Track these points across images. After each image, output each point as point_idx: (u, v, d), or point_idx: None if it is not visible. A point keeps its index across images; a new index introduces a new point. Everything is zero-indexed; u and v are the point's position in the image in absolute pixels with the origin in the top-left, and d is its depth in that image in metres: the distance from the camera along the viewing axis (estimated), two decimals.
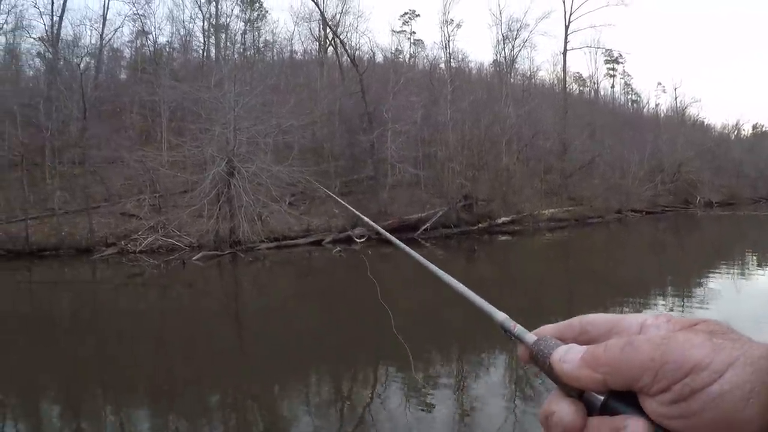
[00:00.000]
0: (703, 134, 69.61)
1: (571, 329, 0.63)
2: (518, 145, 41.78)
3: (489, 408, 8.69)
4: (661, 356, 0.51)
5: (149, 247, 25.51)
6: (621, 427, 0.52)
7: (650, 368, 0.51)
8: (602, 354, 0.54)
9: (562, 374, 0.57)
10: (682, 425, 0.49)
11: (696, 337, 0.52)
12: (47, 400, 9.72)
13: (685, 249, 31.48)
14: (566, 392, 0.57)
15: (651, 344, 0.52)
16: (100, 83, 37.34)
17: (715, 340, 0.51)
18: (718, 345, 0.50)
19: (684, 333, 0.54)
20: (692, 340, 0.51)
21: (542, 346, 0.60)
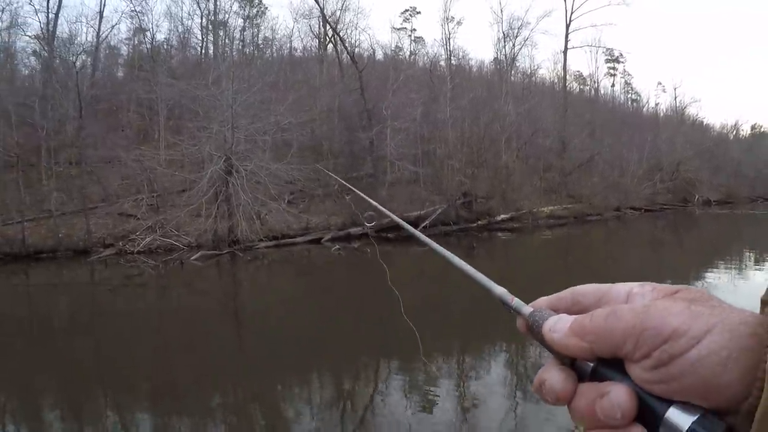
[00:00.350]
0: (702, 134, 69.78)
1: (563, 300, 0.65)
2: (518, 143, 41.77)
3: (491, 403, 8.66)
4: (641, 323, 0.52)
5: (147, 247, 25.29)
6: (605, 392, 0.54)
7: (632, 335, 0.53)
8: (588, 323, 0.57)
9: (552, 343, 0.59)
10: (663, 389, 0.51)
11: (675, 304, 0.53)
12: (47, 403, 9.64)
13: (684, 247, 31.45)
14: (559, 361, 0.60)
15: (632, 312, 0.54)
16: (97, 81, 37.09)
17: (693, 307, 0.53)
18: (697, 312, 0.52)
19: (664, 301, 0.56)
20: (671, 308, 0.53)
21: (537, 317, 0.62)
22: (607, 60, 71.07)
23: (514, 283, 5.17)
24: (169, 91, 31.50)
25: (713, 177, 59.04)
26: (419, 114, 35.28)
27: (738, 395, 0.49)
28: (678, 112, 72.46)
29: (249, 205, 25.52)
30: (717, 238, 33.89)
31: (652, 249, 29.72)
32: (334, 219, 30.59)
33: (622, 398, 0.53)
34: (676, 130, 60.65)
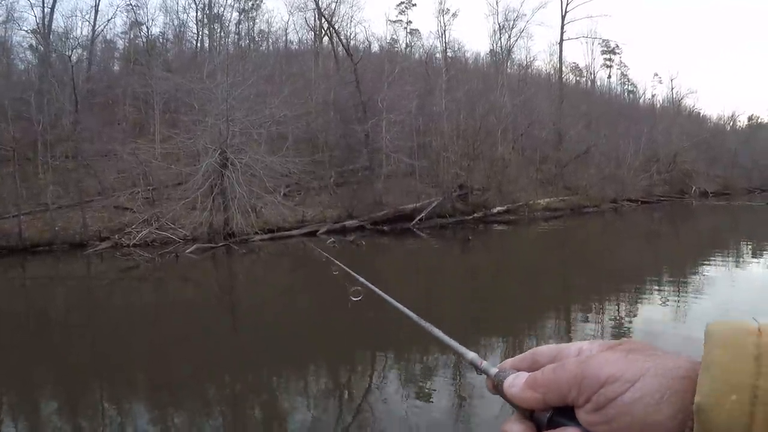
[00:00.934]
0: (699, 125, 69.57)
1: (525, 360, 0.70)
2: (514, 135, 41.71)
3: (487, 395, 8.58)
4: (581, 372, 0.59)
5: (143, 240, 25.37)
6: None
7: (575, 383, 0.59)
8: (540, 376, 0.63)
9: (511, 397, 0.65)
10: (605, 430, 0.57)
11: (613, 354, 0.60)
12: (44, 396, 9.66)
13: (681, 238, 31.50)
14: (521, 414, 0.65)
15: (575, 363, 0.61)
16: (93, 75, 37.08)
17: (630, 356, 0.59)
18: (632, 359, 0.58)
19: (604, 352, 0.62)
20: (609, 357, 0.59)
21: (501, 376, 0.68)
22: (603, 51, 71.07)
23: (510, 275, 5.33)
24: (164, 85, 31.48)
25: (710, 168, 59.07)
26: (415, 106, 35.25)
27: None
28: (674, 104, 72.33)
29: (244, 198, 25.57)
30: (714, 230, 33.94)
31: (648, 241, 29.76)
32: (329, 212, 30.67)
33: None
34: (673, 121, 60.51)
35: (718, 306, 13.64)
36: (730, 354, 0.54)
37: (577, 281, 19.19)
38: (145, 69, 34.07)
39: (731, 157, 64.64)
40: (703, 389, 0.53)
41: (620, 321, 12.98)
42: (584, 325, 12.68)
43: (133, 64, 38.54)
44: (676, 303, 14.40)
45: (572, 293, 17.22)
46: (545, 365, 0.66)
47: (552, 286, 18.53)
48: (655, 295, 15.70)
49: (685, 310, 13.56)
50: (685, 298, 14.92)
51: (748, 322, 0.57)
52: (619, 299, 15.59)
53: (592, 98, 60.66)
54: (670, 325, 12.17)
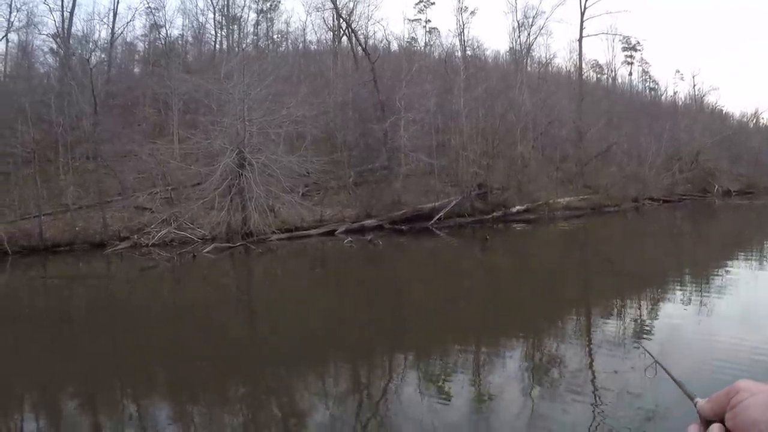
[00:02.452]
0: (722, 122, 68.57)
1: None
2: (534, 133, 41.30)
3: (507, 396, 8.60)
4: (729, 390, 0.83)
5: (162, 240, 25.48)
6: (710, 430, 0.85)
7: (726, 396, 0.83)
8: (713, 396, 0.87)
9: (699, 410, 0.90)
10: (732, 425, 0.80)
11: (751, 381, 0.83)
12: (67, 393, 9.75)
13: (703, 238, 31.07)
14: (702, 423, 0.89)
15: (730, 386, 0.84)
16: (112, 77, 37.36)
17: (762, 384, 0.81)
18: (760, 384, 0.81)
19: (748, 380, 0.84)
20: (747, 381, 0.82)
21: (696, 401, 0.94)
22: (624, 48, 70.19)
23: (531, 275, 5.23)
24: (183, 86, 31.61)
25: (733, 166, 58.15)
26: (433, 105, 35.10)
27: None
28: (697, 101, 71.41)
29: (261, 197, 25.57)
30: (737, 230, 33.43)
31: (671, 240, 29.40)
32: (348, 211, 30.61)
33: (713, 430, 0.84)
34: (695, 118, 59.77)
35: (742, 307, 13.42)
36: None
37: (598, 281, 19.00)
38: (164, 71, 34.22)
39: (754, 155, 63.64)
40: None
41: (642, 322, 12.80)
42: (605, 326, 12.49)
43: (153, 66, 38.76)
44: (698, 303, 14.16)
45: (593, 294, 17.05)
46: None
47: (572, 285, 18.37)
48: (678, 295, 15.51)
49: (708, 310, 13.33)
50: (708, 298, 14.69)
51: None
52: (641, 299, 15.41)
53: (612, 96, 60.03)
54: (692, 326, 11.98)
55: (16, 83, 33.47)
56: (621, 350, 10.05)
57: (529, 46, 53.60)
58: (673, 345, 10.66)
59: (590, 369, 9.72)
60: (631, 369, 8.77)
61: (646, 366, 1.58)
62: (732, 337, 10.62)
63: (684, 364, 9.12)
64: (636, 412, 7.40)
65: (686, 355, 9.78)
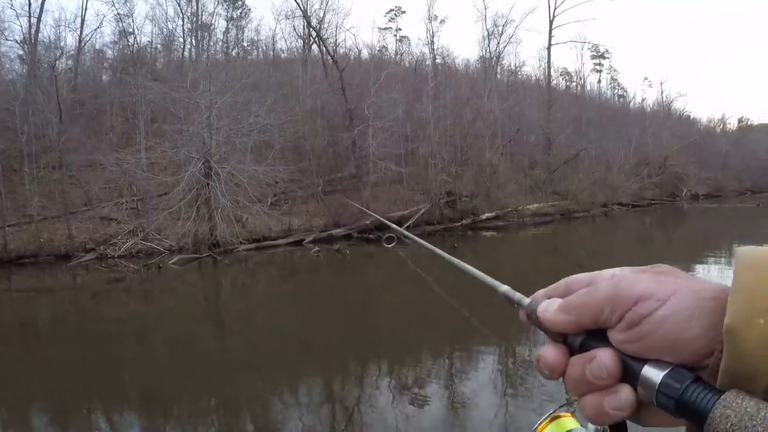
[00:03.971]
0: (689, 128, 69.97)
1: (558, 289, 0.70)
2: (502, 140, 41.59)
3: (481, 401, 8.70)
4: (615, 292, 0.60)
5: (128, 251, 25.17)
6: (592, 358, 0.61)
7: (607, 303, 0.60)
8: (573, 299, 0.65)
9: (545, 321, 0.66)
10: (637, 348, 0.58)
11: (644, 275, 0.61)
12: (33, 409, 9.62)
13: (672, 242, 31.51)
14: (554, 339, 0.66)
15: (607, 284, 0.62)
16: (78, 85, 36.93)
17: (660, 277, 0.60)
18: (663, 280, 0.60)
19: (634, 274, 0.63)
20: (640, 277, 0.61)
21: (533, 305, 0.69)
22: (593, 56, 71.23)
23: (503, 280, 5.23)
24: (149, 94, 31.33)
25: (701, 171, 59.10)
26: (402, 113, 35.19)
27: (703, 351, 0.55)
28: (664, 107, 72.51)
29: (228, 207, 25.45)
30: (706, 233, 33.94)
31: (640, 244, 29.77)
32: (316, 220, 30.52)
33: (606, 360, 0.59)
34: (663, 124, 60.79)
35: None
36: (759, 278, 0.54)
37: None
38: (131, 78, 33.91)
39: (722, 160, 64.89)
40: (733, 311, 0.53)
41: None
42: None
43: (120, 74, 38.38)
44: None
45: None
46: None
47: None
48: None
49: None
50: None
51: None
52: None
53: (581, 103, 60.72)
54: None
55: None
56: None
57: (499, 55, 54.00)
58: None
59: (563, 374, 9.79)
60: None
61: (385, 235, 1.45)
62: None
63: None
64: None
65: None
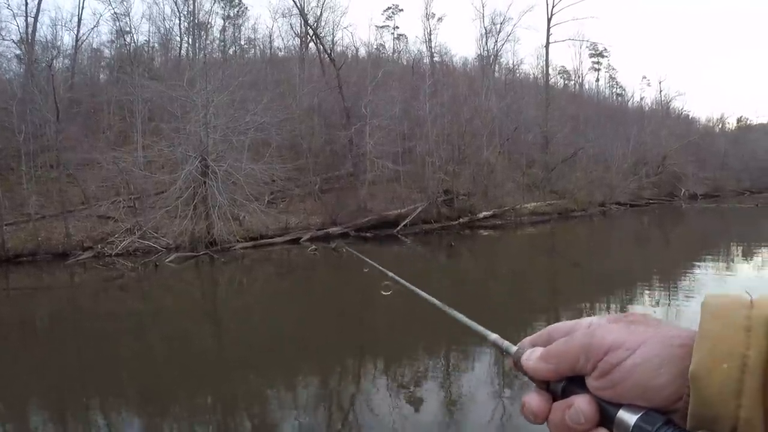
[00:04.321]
0: (688, 127, 69.72)
1: (541, 337, 0.74)
2: (500, 139, 41.55)
3: (478, 400, 8.68)
4: (589, 342, 0.64)
5: (126, 249, 25.19)
6: (571, 404, 0.65)
7: (582, 352, 0.64)
8: (552, 348, 0.68)
9: (527, 370, 0.70)
10: (611, 394, 0.62)
11: (616, 325, 0.65)
12: (31, 407, 9.60)
13: (670, 241, 31.48)
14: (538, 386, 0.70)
15: (583, 334, 0.66)
16: (76, 84, 36.94)
17: (631, 326, 0.64)
18: (633, 329, 0.63)
19: (607, 324, 0.66)
20: (611, 328, 0.64)
21: (519, 353, 0.73)
22: (591, 55, 71.22)
23: (497, 280, 5.30)
24: (146, 93, 31.33)
25: (699, 171, 59.04)
26: (399, 111, 35.16)
27: (673, 396, 0.59)
28: (663, 106, 72.36)
29: (225, 205, 25.46)
30: (704, 233, 33.91)
31: (637, 244, 29.76)
32: (313, 219, 30.54)
33: (584, 406, 0.63)
34: (661, 123, 60.61)
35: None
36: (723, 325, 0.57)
37: (566, 285, 19.16)
38: (128, 77, 33.91)
39: (720, 159, 64.85)
40: (698, 357, 0.57)
41: None
42: None
43: (117, 73, 38.39)
44: (666, 306, 14.39)
45: (560, 298, 17.20)
46: None
47: (539, 290, 18.48)
48: (645, 298, 15.72)
49: (675, 313, 13.55)
50: (675, 300, 14.94)
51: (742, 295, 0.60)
52: (609, 303, 15.56)
53: (580, 101, 60.66)
54: None
55: None
56: None
57: (497, 53, 54.02)
58: None
59: None
60: None
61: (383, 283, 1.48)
62: None
63: None
64: None
65: None
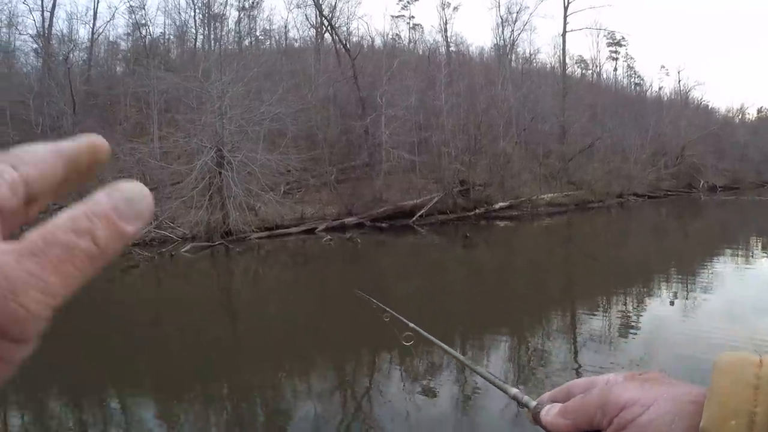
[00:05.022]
0: (707, 117, 68.64)
1: (560, 392, 0.78)
2: (516, 129, 41.18)
3: (492, 392, 8.51)
4: (605, 398, 0.66)
5: (142, 239, 25.26)
6: None
7: (599, 408, 0.67)
8: (570, 405, 0.71)
9: (546, 425, 0.73)
10: None
11: (632, 383, 0.67)
12: (48, 395, 9.67)
13: (688, 234, 31.15)
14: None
15: (599, 391, 0.69)
16: (92, 77, 37.13)
17: (646, 384, 0.66)
18: (647, 387, 0.66)
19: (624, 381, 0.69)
20: (627, 385, 0.67)
21: (538, 408, 0.76)
22: (609, 44, 70.32)
23: (514, 273, 5.15)
24: (162, 84, 31.43)
25: (718, 162, 58.22)
26: (415, 101, 34.99)
27: None
28: (682, 96, 71.24)
29: (240, 195, 25.47)
30: (723, 226, 33.54)
31: (655, 236, 29.45)
32: (329, 209, 30.51)
33: None
34: (680, 113, 59.77)
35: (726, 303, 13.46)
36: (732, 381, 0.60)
37: (582, 278, 19.05)
38: (143, 69, 34.02)
39: (740, 151, 64.02)
40: (708, 413, 0.59)
41: (627, 319, 12.82)
42: (590, 324, 12.50)
43: (133, 65, 38.53)
44: (684, 300, 14.25)
45: (577, 290, 17.08)
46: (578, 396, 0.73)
47: (556, 282, 18.35)
48: (663, 291, 15.62)
49: (692, 307, 13.42)
50: (693, 294, 14.77)
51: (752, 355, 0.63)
52: (626, 296, 15.43)
53: (597, 91, 60.00)
54: (677, 323, 12.04)
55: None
56: (606, 347, 10.03)
57: (513, 42, 53.56)
58: (659, 340, 10.77)
59: (575, 366, 9.74)
60: (617, 366, 8.77)
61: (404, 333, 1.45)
62: (718, 332, 10.73)
63: (669, 360, 9.24)
64: None
65: (671, 351, 9.89)
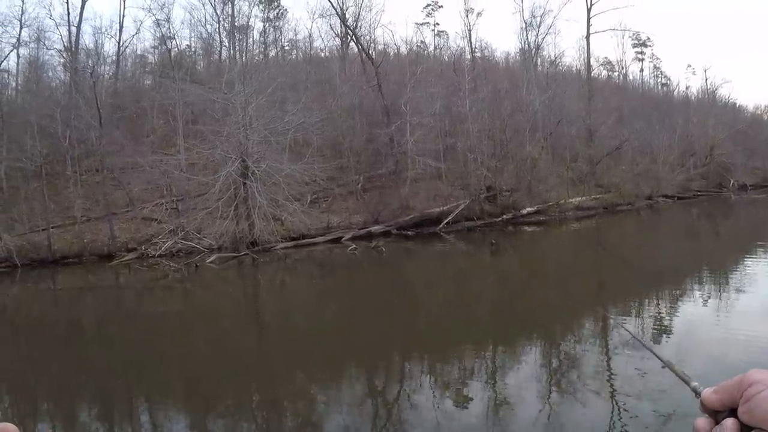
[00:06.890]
0: (735, 115, 67.41)
1: None
2: (543, 133, 40.75)
3: (524, 400, 8.58)
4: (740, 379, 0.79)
5: (169, 250, 25.49)
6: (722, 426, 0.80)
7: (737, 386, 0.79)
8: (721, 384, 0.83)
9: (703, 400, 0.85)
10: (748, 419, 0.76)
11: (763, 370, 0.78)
12: (80, 402, 9.85)
13: (720, 234, 30.69)
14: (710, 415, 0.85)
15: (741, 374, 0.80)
16: (119, 90, 37.52)
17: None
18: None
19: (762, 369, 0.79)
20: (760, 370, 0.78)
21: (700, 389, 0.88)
22: (634, 45, 69.55)
23: (543, 278, 5.05)
24: (188, 97, 31.66)
25: (748, 160, 57.10)
26: (439, 108, 34.83)
27: None
28: (709, 95, 70.12)
29: (264, 206, 25.49)
30: (755, 225, 32.95)
31: (687, 238, 29.05)
32: (355, 217, 30.42)
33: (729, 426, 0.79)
34: (708, 112, 58.82)
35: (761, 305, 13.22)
36: None
37: (613, 282, 18.82)
38: (169, 82, 34.29)
39: None
40: None
41: (660, 321, 12.75)
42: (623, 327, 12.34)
43: (160, 77, 38.89)
44: (717, 300, 14.12)
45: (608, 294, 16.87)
46: None
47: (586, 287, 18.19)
48: (696, 292, 15.51)
49: (726, 306, 13.26)
50: (727, 294, 14.66)
51: None
52: (658, 299, 15.28)
53: (623, 92, 59.32)
54: (710, 323, 11.99)
55: (25, 98, 33.76)
56: (639, 351, 9.87)
57: (538, 46, 53.26)
58: (692, 342, 10.72)
59: (608, 371, 9.64)
60: (650, 370, 8.64)
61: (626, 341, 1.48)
62: (750, 333, 10.67)
63: (701, 360, 9.19)
64: (654, 414, 7.38)
65: (704, 352, 9.85)
